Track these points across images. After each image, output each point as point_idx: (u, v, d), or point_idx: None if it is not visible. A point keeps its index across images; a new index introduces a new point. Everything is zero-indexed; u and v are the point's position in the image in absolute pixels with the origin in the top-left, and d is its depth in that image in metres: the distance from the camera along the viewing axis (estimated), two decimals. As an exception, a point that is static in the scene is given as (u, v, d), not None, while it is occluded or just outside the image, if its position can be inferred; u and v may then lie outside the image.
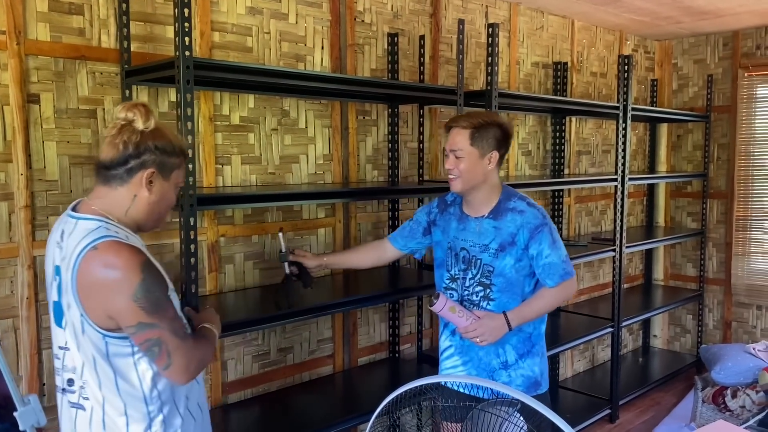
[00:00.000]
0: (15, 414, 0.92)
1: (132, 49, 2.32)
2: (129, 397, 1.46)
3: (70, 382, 1.49)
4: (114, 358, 1.44)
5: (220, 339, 2.58)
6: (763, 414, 3.64)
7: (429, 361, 3.30)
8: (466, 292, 2.18)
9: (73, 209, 1.53)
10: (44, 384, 2.21)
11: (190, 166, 2.01)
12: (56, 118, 2.20)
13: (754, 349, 4.18)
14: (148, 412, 1.47)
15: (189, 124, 2.01)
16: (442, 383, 2.11)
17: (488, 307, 2.14)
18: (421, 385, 1.33)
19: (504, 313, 2.11)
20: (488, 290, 2.14)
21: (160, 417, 1.49)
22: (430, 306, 2.09)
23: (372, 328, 3.22)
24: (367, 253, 2.52)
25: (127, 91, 2.31)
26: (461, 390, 2.05)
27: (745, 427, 3.51)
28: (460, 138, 2.13)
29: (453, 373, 2.21)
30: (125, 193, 1.50)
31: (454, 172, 2.14)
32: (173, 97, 2.47)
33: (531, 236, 2.10)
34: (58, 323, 1.50)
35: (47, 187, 2.19)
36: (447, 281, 2.24)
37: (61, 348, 1.51)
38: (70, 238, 1.46)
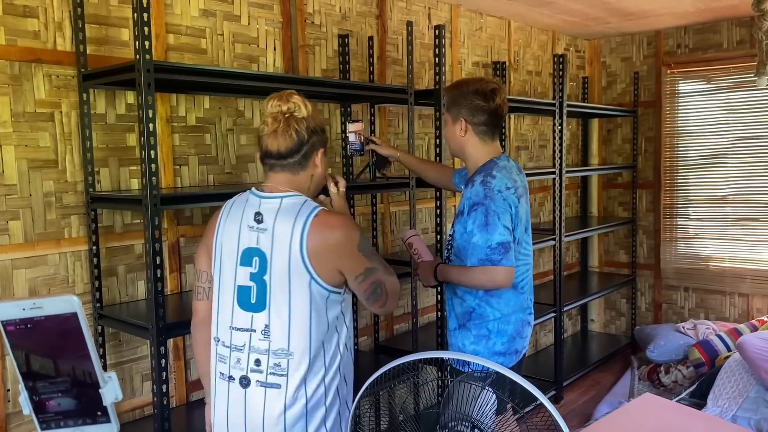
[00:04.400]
0: (100, 390, 1.05)
1: (88, 51, 2.32)
2: (331, 360, 1.60)
3: (258, 362, 1.57)
4: (329, 312, 1.59)
5: (182, 338, 2.62)
6: (694, 387, 3.93)
7: (386, 352, 3.41)
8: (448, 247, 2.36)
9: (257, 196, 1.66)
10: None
11: (153, 166, 2.04)
12: (13, 122, 2.18)
13: (683, 327, 4.49)
14: (335, 368, 1.62)
15: (150, 126, 2.04)
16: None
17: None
18: (401, 364, 1.43)
19: (437, 264, 2.26)
20: (449, 251, 2.29)
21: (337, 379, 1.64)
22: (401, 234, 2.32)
23: (329, 322, 3.29)
24: (434, 168, 2.70)
25: (85, 95, 2.31)
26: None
27: (678, 399, 3.78)
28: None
29: None
30: (305, 176, 1.68)
31: None
32: (131, 100, 2.48)
33: (469, 212, 2.14)
34: (249, 307, 1.59)
35: (6, 191, 2.17)
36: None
37: (246, 330, 1.59)
38: (279, 216, 1.58)
